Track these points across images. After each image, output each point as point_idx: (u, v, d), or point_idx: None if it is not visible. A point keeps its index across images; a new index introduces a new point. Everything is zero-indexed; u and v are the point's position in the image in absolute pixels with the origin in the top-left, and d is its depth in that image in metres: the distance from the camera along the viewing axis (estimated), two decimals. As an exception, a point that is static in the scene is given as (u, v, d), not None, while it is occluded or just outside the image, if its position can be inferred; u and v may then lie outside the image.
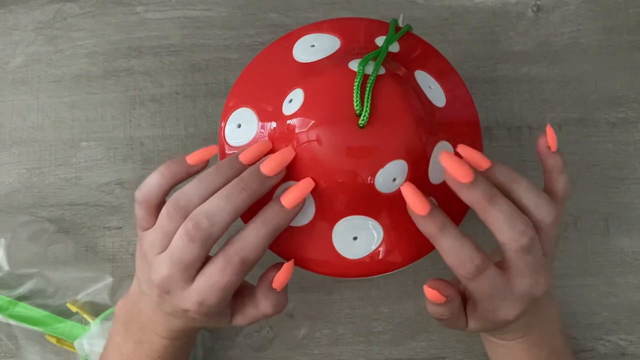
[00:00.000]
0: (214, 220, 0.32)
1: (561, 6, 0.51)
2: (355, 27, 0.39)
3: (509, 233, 0.32)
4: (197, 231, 0.32)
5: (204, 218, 0.32)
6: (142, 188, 0.34)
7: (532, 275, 0.33)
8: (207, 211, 0.32)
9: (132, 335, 0.38)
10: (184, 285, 0.33)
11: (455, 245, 0.32)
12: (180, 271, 0.33)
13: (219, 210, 0.32)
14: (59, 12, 0.50)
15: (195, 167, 0.35)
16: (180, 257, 0.32)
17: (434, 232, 0.33)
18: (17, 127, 0.49)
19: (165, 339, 0.37)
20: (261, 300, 0.36)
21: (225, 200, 0.32)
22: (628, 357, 0.47)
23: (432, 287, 0.35)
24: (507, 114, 0.49)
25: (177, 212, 0.33)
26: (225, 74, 0.49)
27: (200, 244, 0.32)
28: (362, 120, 0.32)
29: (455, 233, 0.32)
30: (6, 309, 0.45)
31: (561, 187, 0.35)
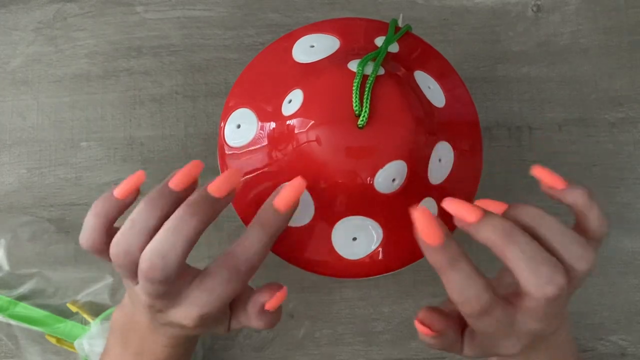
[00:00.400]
0: (167, 257, 0.29)
1: (561, 6, 0.51)
2: (354, 28, 0.39)
3: (532, 279, 0.28)
4: (155, 273, 0.30)
5: (157, 259, 0.29)
6: (81, 235, 0.32)
7: (548, 321, 0.30)
8: (158, 250, 0.29)
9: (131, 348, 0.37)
10: (174, 304, 0.32)
11: (462, 282, 0.29)
12: (161, 300, 0.32)
13: (170, 246, 0.29)
14: (59, 12, 0.50)
15: (125, 200, 0.32)
16: (153, 293, 0.31)
17: (442, 265, 0.29)
18: (17, 127, 0.49)
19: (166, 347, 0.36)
20: (253, 319, 0.35)
21: (174, 233, 0.29)
22: (628, 357, 0.47)
23: (423, 322, 0.32)
24: (507, 114, 0.49)
25: (124, 259, 0.31)
26: (225, 74, 0.49)
27: (162, 283, 0.30)
28: (362, 120, 0.32)
29: (465, 269, 0.29)
30: (6, 309, 0.45)
31: (593, 222, 0.31)
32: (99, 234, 0.32)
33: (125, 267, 0.31)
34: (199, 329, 0.34)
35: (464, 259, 0.29)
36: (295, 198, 0.32)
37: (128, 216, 0.31)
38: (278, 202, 0.32)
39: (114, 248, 0.31)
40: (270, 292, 0.34)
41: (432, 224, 0.29)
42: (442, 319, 0.33)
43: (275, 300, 0.34)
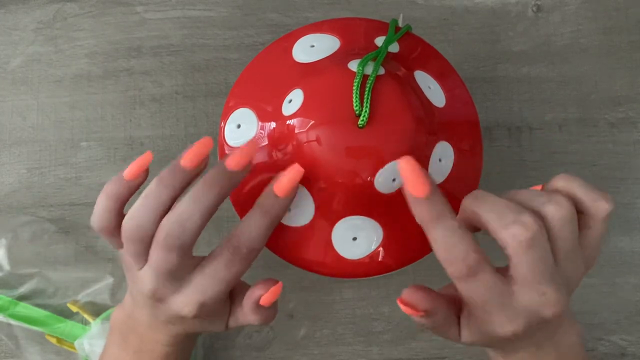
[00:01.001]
0: (185, 226, 0.30)
1: (561, 6, 0.51)
2: (354, 27, 0.39)
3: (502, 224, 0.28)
4: (173, 240, 0.31)
5: (176, 226, 0.30)
6: (93, 217, 0.33)
7: (537, 285, 0.29)
8: (177, 219, 0.30)
9: (131, 346, 0.37)
10: (176, 290, 0.33)
11: (448, 238, 0.28)
12: (166, 280, 0.32)
13: (189, 215, 0.30)
14: (59, 12, 0.50)
15: (135, 181, 0.33)
16: (162, 268, 0.32)
17: (427, 219, 0.29)
18: (17, 127, 0.49)
19: (165, 346, 0.36)
20: (248, 314, 0.35)
21: (194, 203, 0.31)
22: (628, 357, 0.47)
23: (406, 302, 0.31)
24: (507, 114, 0.49)
25: (137, 232, 0.31)
26: (225, 74, 0.49)
27: (177, 252, 0.31)
28: (362, 120, 0.32)
29: (451, 225, 0.29)
30: (7, 308, 0.45)
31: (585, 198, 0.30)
32: (110, 215, 0.32)
33: (136, 241, 0.32)
34: (199, 321, 0.34)
35: (450, 214, 0.29)
36: (294, 184, 0.33)
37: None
38: (277, 188, 0.32)
39: (127, 222, 0.32)
40: (266, 287, 0.34)
41: (419, 174, 0.29)
42: (429, 298, 0.32)
43: (270, 295, 0.34)
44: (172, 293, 0.33)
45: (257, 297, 0.34)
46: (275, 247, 0.37)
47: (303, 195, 0.35)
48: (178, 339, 0.36)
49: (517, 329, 0.30)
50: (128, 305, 0.37)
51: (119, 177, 0.32)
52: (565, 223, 0.29)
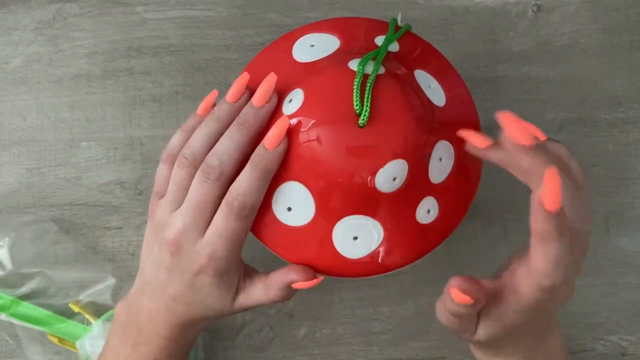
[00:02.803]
0: (222, 158, 0.34)
1: (561, 6, 0.51)
2: (354, 27, 0.39)
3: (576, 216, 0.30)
4: (210, 170, 0.34)
5: (214, 158, 0.34)
6: (167, 147, 0.38)
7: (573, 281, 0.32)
8: (216, 152, 0.35)
9: (129, 338, 0.37)
10: (196, 236, 0.35)
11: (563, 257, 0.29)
12: (194, 219, 0.35)
13: (225, 149, 0.34)
14: (59, 12, 0.50)
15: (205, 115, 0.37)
16: (195, 199, 0.34)
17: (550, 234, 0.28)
18: (17, 127, 0.49)
19: (162, 339, 0.37)
20: (273, 289, 0.36)
21: (229, 139, 0.35)
22: (628, 357, 0.47)
23: (463, 290, 0.31)
24: (507, 114, 0.49)
25: (187, 158, 0.35)
26: (225, 74, 0.49)
27: (213, 181, 0.34)
28: (362, 119, 0.32)
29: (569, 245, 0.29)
30: (9, 307, 0.45)
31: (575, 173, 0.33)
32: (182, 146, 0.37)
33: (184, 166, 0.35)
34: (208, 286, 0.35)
35: (569, 233, 0.29)
36: (281, 135, 0.34)
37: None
38: (266, 141, 0.34)
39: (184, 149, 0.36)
40: (304, 275, 0.36)
41: (559, 188, 0.28)
42: (478, 286, 0.32)
43: (307, 285, 0.36)
44: (191, 240, 0.35)
45: (291, 280, 0.36)
46: (276, 247, 0.37)
47: (303, 195, 0.35)
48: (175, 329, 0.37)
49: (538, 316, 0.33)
50: (133, 294, 0.38)
51: (194, 115, 0.38)
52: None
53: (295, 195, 0.35)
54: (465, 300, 0.31)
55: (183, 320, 0.37)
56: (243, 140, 0.35)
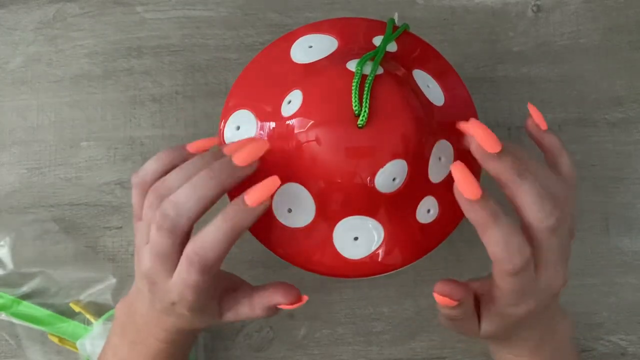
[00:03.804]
0: (179, 209, 0.31)
1: (561, 6, 0.51)
2: (352, 27, 0.39)
3: (539, 211, 0.30)
4: (164, 220, 0.31)
5: (170, 207, 0.31)
6: (139, 171, 0.34)
7: (555, 264, 0.32)
8: (174, 200, 0.31)
9: (128, 337, 0.37)
10: (166, 276, 0.33)
11: (508, 237, 0.30)
12: (159, 262, 0.32)
13: (185, 199, 0.31)
14: (59, 12, 0.50)
15: (193, 155, 0.34)
16: (154, 248, 0.32)
17: (485, 220, 0.30)
18: (17, 127, 0.49)
19: (159, 342, 0.36)
20: (257, 309, 0.35)
21: (191, 189, 0.31)
22: (628, 357, 0.47)
23: (442, 293, 0.33)
24: (507, 114, 0.49)
25: (157, 199, 0.32)
26: (225, 74, 0.49)
27: (167, 234, 0.31)
28: (361, 120, 0.32)
29: (508, 223, 0.30)
30: (10, 307, 0.45)
31: (565, 165, 0.35)
32: (156, 174, 0.34)
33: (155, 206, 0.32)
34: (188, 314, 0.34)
35: (503, 212, 0.30)
36: (266, 196, 0.32)
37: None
38: (248, 196, 0.31)
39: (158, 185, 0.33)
40: (287, 297, 0.34)
41: (471, 178, 0.30)
42: (460, 287, 0.33)
43: (291, 307, 0.35)
44: (163, 277, 0.33)
45: (276, 302, 0.34)
46: (276, 247, 0.37)
47: (303, 196, 0.35)
48: (171, 335, 0.36)
49: (536, 305, 0.33)
50: (131, 296, 0.38)
51: (181, 146, 0.35)
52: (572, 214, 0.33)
53: (295, 197, 0.35)
54: (448, 302, 0.33)
55: (176, 329, 0.36)
56: (209, 194, 0.31)
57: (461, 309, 0.34)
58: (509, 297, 0.33)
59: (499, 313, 0.34)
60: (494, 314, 0.35)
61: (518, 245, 0.30)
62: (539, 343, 0.36)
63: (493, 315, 0.35)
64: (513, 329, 0.35)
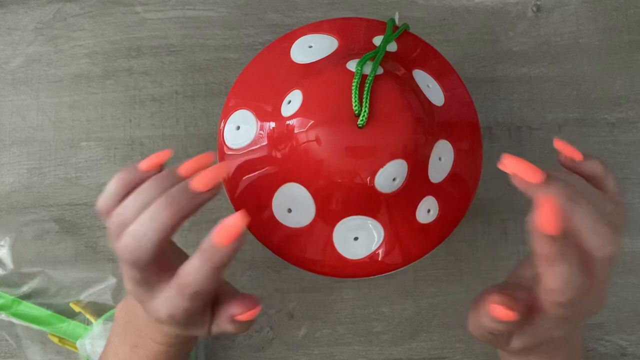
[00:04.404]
0: (138, 241, 0.29)
1: (561, 6, 0.51)
2: (352, 27, 0.39)
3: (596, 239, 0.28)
4: (125, 254, 0.30)
5: (129, 240, 0.29)
6: (100, 198, 0.33)
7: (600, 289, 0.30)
8: (133, 232, 0.30)
9: (129, 339, 0.37)
10: (149, 298, 0.32)
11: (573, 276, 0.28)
12: (137, 288, 0.32)
13: (143, 231, 0.29)
14: (59, 12, 0.50)
15: (149, 173, 0.32)
16: (127, 276, 0.31)
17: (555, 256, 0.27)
18: (17, 127, 0.49)
19: (160, 345, 0.36)
20: (225, 324, 0.34)
21: (149, 219, 0.29)
22: (628, 357, 0.47)
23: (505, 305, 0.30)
24: (507, 114, 0.49)
25: (117, 229, 0.31)
26: (225, 74, 0.49)
27: (132, 266, 0.30)
28: (361, 120, 0.32)
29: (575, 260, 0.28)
30: (10, 307, 0.45)
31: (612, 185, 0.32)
32: (117, 199, 0.32)
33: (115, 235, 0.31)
34: (178, 328, 0.34)
35: (574, 249, 0.28)
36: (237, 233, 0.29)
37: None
38: (220, 235, 0.29)
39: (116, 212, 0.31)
40: (243, 307, 0.33)
41: (557, 212, 0.27)
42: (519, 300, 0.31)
43: (247, 316, 0.33)
44: (148, 298, 0.32)
45: (233, 314, 0.33)
46: (276, 247, 0.37)
47: (303, 196, 0.35)
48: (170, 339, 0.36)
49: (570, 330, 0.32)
50: (130, 299, 0.37)
51: (134, 166, 0.32)
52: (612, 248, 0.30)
53: (295, 197, 0.35)
54: (509, 317, 0.30)
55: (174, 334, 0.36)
56: (168, 223, 0.29)
57: (513, 325, 0.31)
58: (551, 321, 0.31)
59: (535, 334, 0.32)
60: (530, 333, 0.32)
61: (579, 282, 0.28)
62: (553, 350, 0.35)
63: (529, 334, 0.33)
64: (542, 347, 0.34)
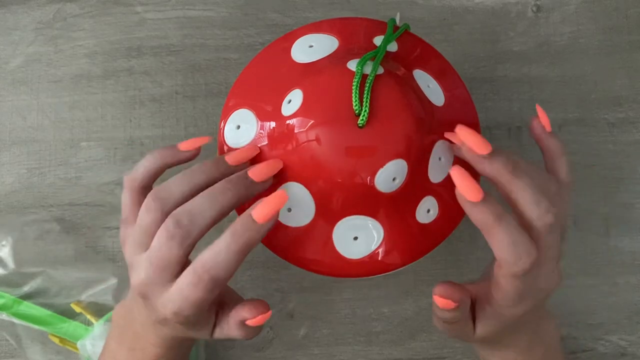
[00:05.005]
0: (194, 218, 0.31)
1: (561, 6, 0.51)
2: (353, 27, 0.39)
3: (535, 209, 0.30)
4: (177, 229, 0.31)
5: (185, 216, 0.31)
6: (132, 173, 0.34)
7: (552, 263, 0.32)
8: (189, 210, 0.31)
9: (126, 342, 0.37)
10: (161, 290, 0.32)
11: (513, 236, 0.30)
12: (156, 273, 0.32)
13: (201, 210, 0.31)
14: (59, 12, 0.50)
15: (186, 153, 0.34)
16: (157, 256, 0.31)
17: (490, 221, 0.30)
18: (17, 127, 0.49)
19: (157, 348, 0.36)
20: (233, 329, 0.34)
21: (208, 200, 0.31)
22: (628, 357, 0.47)
23: (442, 295, 0.33)
24: (507, 114, 0.49)
25: (155, 203, 0.32)
26: (225, 74, 0.49)
27: (178, 243, 0.31)
28: (362, 120, 0.32)
29: (513, 223, 0.30)
30: (10, 307, 0.45)
31: (562, 169, 0.35)
32: (148, 173, 0.34)
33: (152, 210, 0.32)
34: (181, 327, 0.34)
35: (507, 213, 0.30)
36: (276, 211, 0.31)
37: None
38: (256, 213, 0.31)
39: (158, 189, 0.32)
40: (254, 311, 0.34)
41: (470, 180, 0.30)
42: (459, 289, 0.33)
43: (258, 321, 0.33)
44: (155, 293, 0.32)
45: (243, 317, 0.34)
46: (276, 247, 0.37)
47: (303, 196, 0.35)
48: (168, 342, 0.36)
49: (532, 305, 0.33)
50: (128, 301, 0.37)
51: (172, 145, 0.34)
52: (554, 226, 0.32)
53: (295, 196, 0.35)
54: (448, 305, 0.33)
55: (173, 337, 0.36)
56: (224, 205, 0.31)
57: (459, 312, 0.34)
58: (510, 298, 0.33)
59: (496, 314, 0.34)
60: (490, 316, 0.34)
61: (525, 246, 0.30)
62: (528, 345, 0.36)
63: (489, 316, 0.34)
64: (507, 330, 0.35)
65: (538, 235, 0.31)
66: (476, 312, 0.35)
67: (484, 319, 0.35)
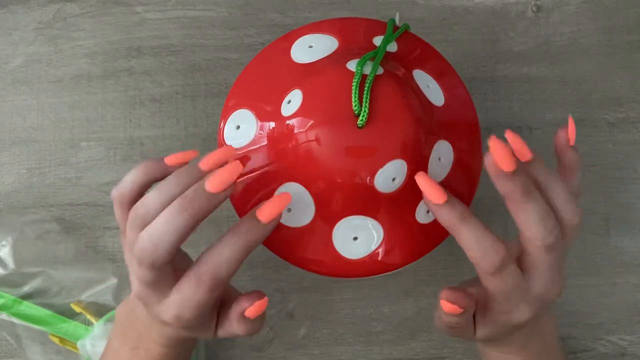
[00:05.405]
0: (156, 244, 0.30)
1: (561, 6, 0.51)
2: (353, 27, 0.39)
3: (539, 230, 0.31)
4: (143, 255, 0.30)
5: (147, 242, 0.30)
6: (117, 185, 0.34)
7: (550, 277, 0.32)
8: (150, 235, 0.30)
9: (129, 341, 0.37)
10: (158, 299, 0.32)
11: (477, 235, 0.31)
12: (147, 289, 0.32)
13: (160, 234, 0.29)
14: (59, 12, 0.50)
15: (172, 168, 0.33)
16: (139, 278, 0.31)
17: (454, 222, 0.31)
18: (17, 127, 0.49)
19: (160, 347, 0.36)
20: (234, 325, 0.34)
21: (165, 223, 0.29)
22: (628, 357, 0.47)
23: (449, 301, 0.33)
24: (507, 114, 0.49)
25: (135, 221, 0.31)
26: (225, 74, 0.49)
27: (148, 268, 0.30)
28: (361, 120, 0.32)
29: (477, 222, 0.31)
30: (11, 307, 0.45)
31: (576, 183, 0.35)
32: (135, 186, 0.33)
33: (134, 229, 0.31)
34: (184, 330, 0.34)
35: (472, 214, 0.31)
36: (279, 211, 0.31)
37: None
38: (260, 212, 0.31)
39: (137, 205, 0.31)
40: (251, 300, 0.34)
41: (434, 185, 0.32)
42: (466, 295, 0.34)
43: (255, 309, 0.33)
44: (155, 301, 0.32)
45: (242, 309, 0.34)
46: (276, 247, 0.37)
47: (303, 196, 0.35)
48: (171, 341, 0.36)
49: (531, 315, 0.33)
50: (131, 301, 0.38)
51: (159, 158, 0.33)
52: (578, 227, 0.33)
53: (295, 196, 0.35)
54: (455, 310, 0.33)
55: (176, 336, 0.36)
56: (184, 226, 0.29)
57: (464, 317, 0.34)
58: (498, 301, 0.33)
59: (493, 321, 0.35)
60: (489, 321, 0.35)
61: (490, 243, 0.31)
62: (526, 340, 0.37)
63: (488, 322, 0.35)
64: (506, 334, 0.36)
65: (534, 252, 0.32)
66: (476, 315, 0.36)
67: (483, 321, 0.35)
